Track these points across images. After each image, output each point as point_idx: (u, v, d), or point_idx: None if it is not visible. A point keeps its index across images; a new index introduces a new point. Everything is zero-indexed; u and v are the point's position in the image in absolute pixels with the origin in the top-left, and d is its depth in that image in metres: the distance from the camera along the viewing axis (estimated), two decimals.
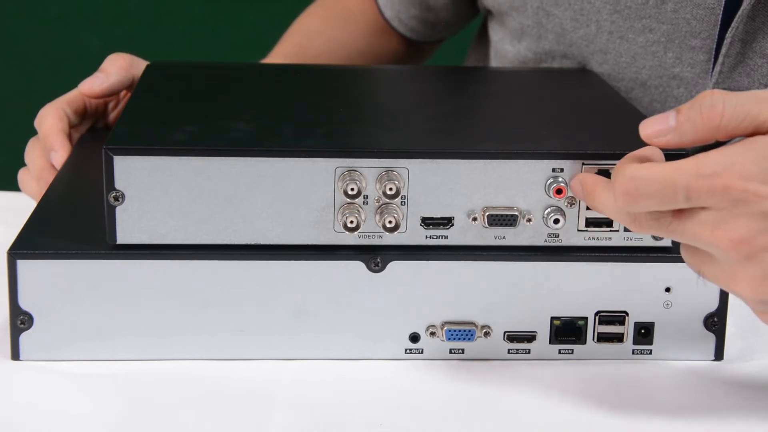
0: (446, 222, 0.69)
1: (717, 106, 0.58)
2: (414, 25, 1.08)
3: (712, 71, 0.87)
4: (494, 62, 1.02)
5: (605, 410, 0.66)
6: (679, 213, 0.59)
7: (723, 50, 0.85)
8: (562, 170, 0.68)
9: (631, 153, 0.62)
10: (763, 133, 0.58)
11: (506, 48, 0.98)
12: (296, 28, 1.11)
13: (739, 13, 0.83)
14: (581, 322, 0.70)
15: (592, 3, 0.89)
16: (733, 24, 0.84)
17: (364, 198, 0.68)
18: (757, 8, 0.83)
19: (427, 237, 0.69)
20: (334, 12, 1.11)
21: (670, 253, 0.70)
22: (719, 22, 0.85)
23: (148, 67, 0.88)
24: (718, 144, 0.60)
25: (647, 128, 0.60)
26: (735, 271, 0.59)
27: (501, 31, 0.99)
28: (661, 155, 0.62)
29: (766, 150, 0.57)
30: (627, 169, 0.59)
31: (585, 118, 0.78)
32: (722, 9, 0.85)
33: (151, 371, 0.69)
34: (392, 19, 1.08)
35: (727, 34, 0.84)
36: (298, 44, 1.08)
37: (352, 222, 0.68)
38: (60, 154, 0.84)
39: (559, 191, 0.68)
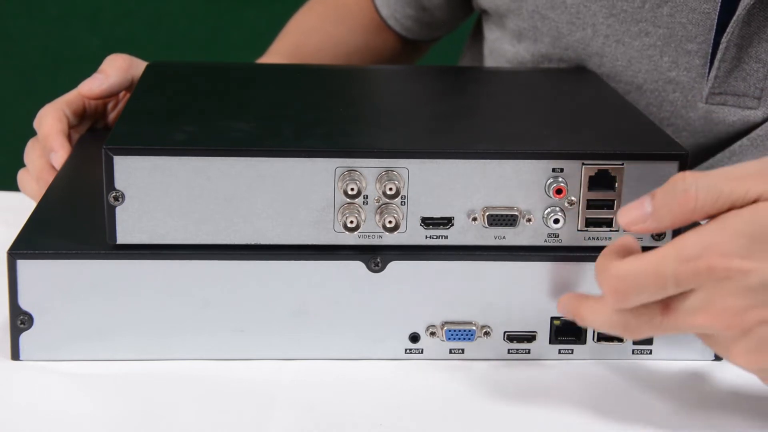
0: (446, 222, 0.69)
1: (690, 190, 0.59)
2: (409, 25, 1.08)
3: (708, 75, 0.87)
4: (489, 60, 1.02)
5: (605, 410, 0.66)
6: (666, 308, 0.60)
7: (719, 55, 0.85)
8: (562, 170, 0.68)
9: (607, 248, 0.63)
10: (738, 209, 0.59)
11: (505, 47, 0.98)
12: (293, 26, 1.11)
13: (735, 17, 0.83)
14: None
15: (588, 6, 0.89)
16: (729, 29, 0.84)
17: (364, 198, 0.68)
18: (752, 13, 0.83)
19: (427, 237, 0.69)
20: (331, 9, 1.11)
21: None
22: (715, 27, 0.85)
23: (147, 67, 0.88)
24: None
25: (625, 216, 0.61)
26: (731, 346, 0.60)
27: (498, 31, 0.99)
28: (636, 243, 0.62)
29: (739, 226, 0.58)
30: (611, 267, 0.60)
31: (585, 118, 0.78)
32: (718, 14, 0.85)
33: (151, 371, 0.69)
34: (388, 17, 1.08)
35: (722, 39, 0.84)
36: (296, 41, 1.08)
37: (352, 222, 0.68)
38: (59, 154, 0.84)
39: (559, 191, 0.68)
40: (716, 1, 0.85)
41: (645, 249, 0.63)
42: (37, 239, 0.69)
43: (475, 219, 0.69)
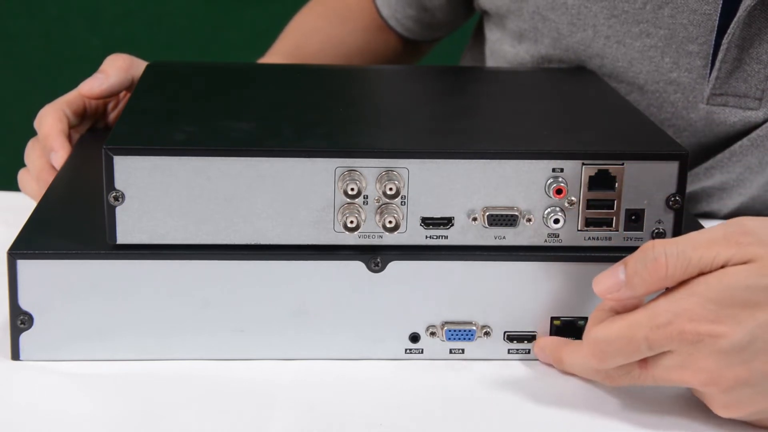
0: (446, 222, 0.69)
1: (660, 259, 0.61)
2: (410, 25, 1.08)
3: (709, 76, 0.87)
4: (490, 61, 1.02)
5: (605, 410, 0.66)
6: (644, 364, 0.64)
7: (720, 56, 0.85)
8: (562, 170, 0.68)
9: (601, 303, 0.65)
10: (706, 274, 0.61)
11: (505, 48, 0.98)
12: (294, 26, 1.11)
13: (736, 19, 0.83)
14: (581, 322, 0.70)
15: (589, 8, 0.89)
16: (730, 30, 0.84)
17: (364, 198, 0.68)
18: (753, 14, 0.83)
19: (427, 237, 0.69)
20: (332, 9, 1.11)
21: None
22: (716, 28, 0.85)
23: (147, 67, 0.88)
24: None
25: (600, 285, 0.64)
26: (712, 401, 0.63)
27: (499, 32, 0.99)
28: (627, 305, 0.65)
29: (707, 292, 0.60)
30: (590, 331, 0.63)
31: (585, 118, 0.78)
32: (719, 15, 0.85)
33: (151, 371, 0.69)
34: (389, 18, 1.08)
35: (723, 40, 0.84)
36: (296, 42, 1.08)
37: (352, 222, 0.68)
38: (60, 154, 0.84)
39: (559, 191, 0.68)
40: (717, 3, 0.85)
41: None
42: (37, 239, 0.69)
43: (475, 219, 0.69)
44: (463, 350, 0.71)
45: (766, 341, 0.60)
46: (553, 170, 0.68)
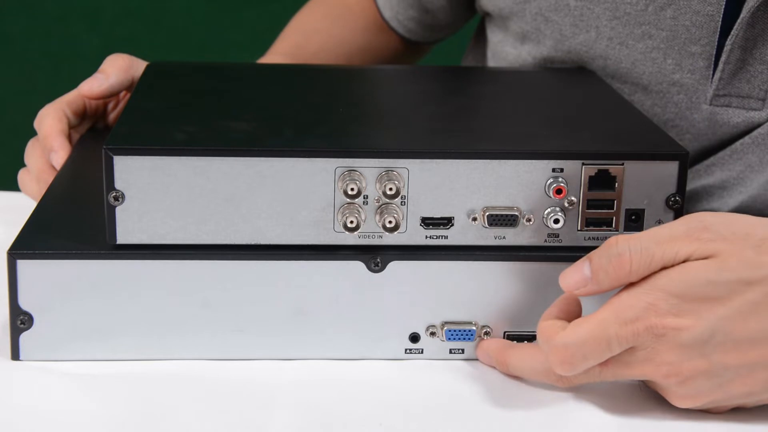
0: (446, 222, 0.69)
1: (624, 254, 0.63)
2: (412, 26, 1.08)
3: (712, 77, 0.86)
4: (492, 63, 1.02)
5: (605, 410, 0.66)
6: (604, 362, 0.64)
7: (723, 57, 0.85)
8: (562, 170, 0.68)
9: (549, 311, 0.66)
10: (668, 269, 0.63)
11: (507, 50, 0.98)
12: (295, 25, 1.11)
13: (739, 20, 0.83)
14: None
15: (592, 9, 0.89)
16: (733, 31, 0.84)
17: (364, 198, 0.68)
18: (756, 15, 0.83)
19: (427, 237, 0.69)
20: (334, 9, 1.11)
21: None
22: (719, 29, 0.85)
23: (147, 67, 0.88)
24: None
25: (566, 280, 0.65)
26: (670, 392, 0.65)
27: (501, 34, 0.99)
28: (577, 303, 0.66)
29: (669, 287, 0.62)
30: (556, 338, 0.63)
31: (585, 118, 0.78)
32: (722, 16, 0.85)
33: (151, 371, 0.69)
34: (391, 19, 1.08)
35: (727, 41, 0.84)
36: (297, 42, 1.08)
37: (352, 222, 0.68)
38: (60, 154, 0.84)
39: (559, 191, 0.68)
40: (720, 4, 0.85)
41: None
42: (37, 239, 0.69)
43: (475, 219, 0.69)
44: (463, 350, 0.71)
45: (726, 334, 0.62)
46: (553, 170, 0.68)
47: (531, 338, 0.71)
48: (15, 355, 0.69)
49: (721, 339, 0.62)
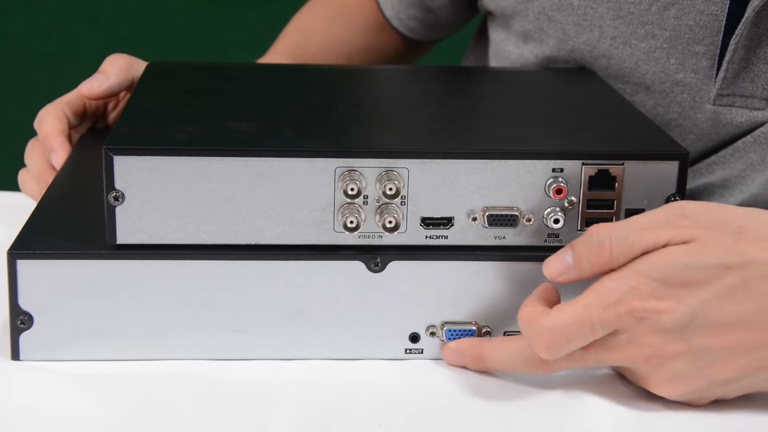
0: (446, 222, 0.69)
1: (605, 242, 0.64)
2: (413, 26, 1.08)
3: (716, 77, 0.86)
4: (494, 62, 1.02)
5: (605, 410, 0.66)
6: (586, 347, 0.65)
7: (727, 57, 0.85)
8: (562, 170, 0.68)
9: (530, 298, 0.66)
10: (649, 254, 0.64)
11: (510, 49, 0.98)
12: (296, 25, 1.11)
13: (743, 19, 0.83)
14: None
15: (595, 8, 0.89)
16: (737, 30, 0.84)
17: (364, 198, 0.68)
18: (761, 15, 0.83)
19: (427, 237, 0.69)
20: (334, 9, 1.11)
21: None
22: (723, 29, 0.85)
23: (147, 67, 0.88)
24: None
25: (549, 268, 0.66)
26: (649, 378, 0.65)
27: (503, 33, 0.99)
28: (556, 291, 0.67)
29: (650, 270, 0.63)
30: (539, 322, 0.64)
31: (585, 118, 0.78)
32: (726, 16, 0.85)
33: (151, 371, 0.69)
34: (392, 18, 1.08)
35: (731, 41, 0.84)
36: (297, 41, 1.08)
37: (352, 222, 0.68)
38: (60, 154, 0.84)
39: (559, 191, 0.68)
40: (724, 3, 0.85)
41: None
42: (37, 239, 0.69)
43: (475, 219, 0.69)
44: None
45: (706, 318, 0.63)
46: (553, 170, 0.68)
47: None
48: (15, 355, 0.69)
49: (700, 322, 0.63)
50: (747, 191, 0.91)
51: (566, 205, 0.69)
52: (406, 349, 0.71)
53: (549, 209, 0.69)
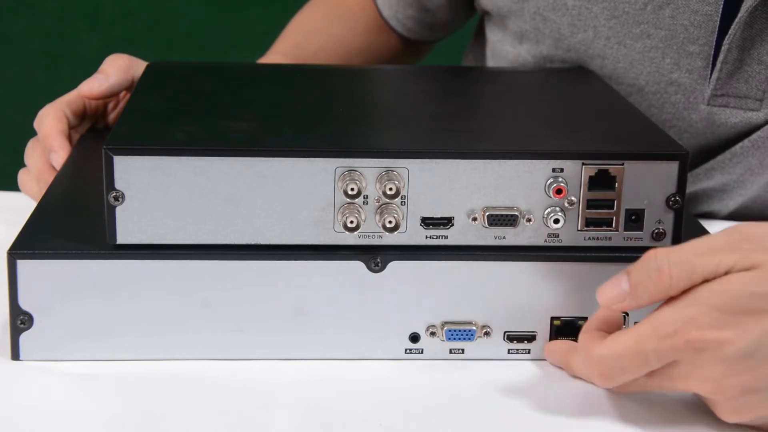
0: (446, 222, 0.69)
1: (663, 268, 0.61)
2: (411, 26, 1.08)
3: (710, 77, 0.87)
4: (491, 62, 1.02)
5: (606, 410, 0.66)
6: (650, 374, 0.63)
7: (721, 57, 0.85)
8: (562, 170, 0.68)
9: (589, 323, 0.66)
10: (709, 281, 0.61)
11: (506, 49, 0.98)
12: (295, 25, 1.11)
13: (737, 19, 0.83)
14: (581, 322, 0.70)
15: (590, 9, 0.89)
16: (731, 30, 0.84)
17: (364, 198, 0.68)
18: (754, 15, 0.83)
19: (427, 237, 0.69)
20: (334, 9, 1.11)
21: None
22: (717, 29, 0.85)
23: (147, 67, 0.88)
24: None
25: (604, 295, 0.64)
26: (717, 407, 0.63)
27: (500, 33, 0.99)
28: (618, 316, 0.66)
29: (712, 300, 0.60)
30: (594, 349, 0.63)
31: (585, 118, 0.78)
32: (720, 16, 0.85)
33: (151, 371, 0.69)
34: (390, 18, 1.08)
35: (724, 41, 0.84)
36: (297, 42, 1.08)
37: (352, 222, 0.68)
38: (59, 154, 0.84)
39: (559, 191, 0.68)
40: (718, 4, 0.85)
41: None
42: (37, 239, 0.69)
43: (475, 219, 0.69)
44: (463, 350, 0.71)
45: None
46: (553, 170, 0.68)
47: (531, 338, 0.71)
48: (15, 355, 0.69)
49: (766, 352, 0.60)
50: (746, 195, 0.91)
51: (566, 205, 0.69)
52: (406, 349, 0.71)
53: (549, 209, 0.69)
